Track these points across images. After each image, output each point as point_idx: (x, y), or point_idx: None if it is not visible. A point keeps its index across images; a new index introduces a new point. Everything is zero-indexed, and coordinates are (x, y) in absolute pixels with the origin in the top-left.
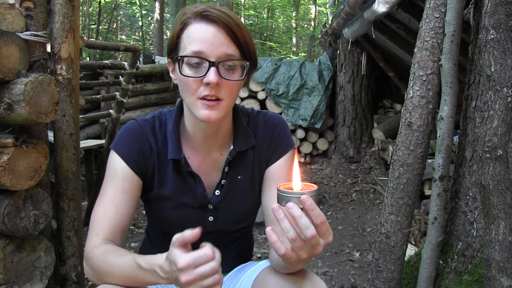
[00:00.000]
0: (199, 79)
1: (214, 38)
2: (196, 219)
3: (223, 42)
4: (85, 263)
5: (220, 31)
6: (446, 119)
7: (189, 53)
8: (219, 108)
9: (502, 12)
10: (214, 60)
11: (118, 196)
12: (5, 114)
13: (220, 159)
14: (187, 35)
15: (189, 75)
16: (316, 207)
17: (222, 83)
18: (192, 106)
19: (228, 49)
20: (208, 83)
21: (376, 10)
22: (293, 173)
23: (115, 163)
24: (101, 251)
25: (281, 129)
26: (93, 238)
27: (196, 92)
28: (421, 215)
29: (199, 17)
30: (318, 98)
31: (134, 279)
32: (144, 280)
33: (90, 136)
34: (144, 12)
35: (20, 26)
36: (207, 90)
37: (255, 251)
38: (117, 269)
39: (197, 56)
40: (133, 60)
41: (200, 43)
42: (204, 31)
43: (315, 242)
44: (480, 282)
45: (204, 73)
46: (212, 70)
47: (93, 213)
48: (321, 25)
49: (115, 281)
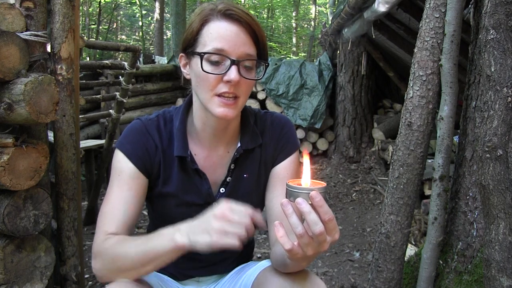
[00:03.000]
0: (219, 76)
1: (237, 37)
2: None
3: (245, 41)
4: (94, 261)
5: (242, 31)
6: (446, 119)
7: (210, 49)
8: (236, 106)
9: (502, 12)
10: (235, 59)
11: (125, 194)
12: (5, 114)
13: (227, 156)
14: (209, 32)
15: (209, 71)
16: (324, 203)
17: (241, 82)
18: (208, 102)
19: (249, 49)
20: (229, 81)
21: (376, 10)
22: (303, 169)
23: (120, 162)
24: (113, 242)
25: (288, 129)
26: (100, 235)
27: (214, 88)
28: (421, 215)
29: (222, 15)
30: (318, 98)
31: (148, 255)
32: (157, 250)
33: (90, 136)
34: (144, 12)
35: (20, 26)
36: (226, 87)
37: (255, 251)
38: (131, 249)
39: (219, 54)
40: (133, 60)
41: (222, 41)
42: (227, 29)
43: (322, 238)
44: (480, 282)
45: (225, 71)
46: (233, 69)
47: (100, 213)
48: (321, 25)
49: (128, 265)
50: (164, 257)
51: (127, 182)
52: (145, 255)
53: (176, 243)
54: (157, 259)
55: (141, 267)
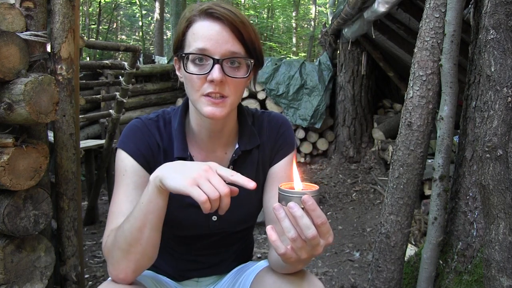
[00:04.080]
0: (203, 76)
1: (219, 36)
2: (200, 219)
3: (228, 39)
4: (107, 264)
5: (224, 29)
6: (446, 119)
7: (193, 50)
8: (224, 105)
9: (502, 12)
10: (218, 58)
11: (131, 192)
12: (5, 114)
13: (225, 158)
14: (192, 33)
15: (193, 72)
16: (317, 207)
17: (227, 81)
18: (196, 103)
19: (232, 46)
20: (212, 81)
21: (376, 10)
22: (293, 173)
23: (123, 162)
24: (113, 233)
25: (286, 129)
26: (108, 233)
27: (200, 89)
28: (421, 215)
29: (204, 14)
30: (318, 98)
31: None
32: (142, 202)
33: (90, 136)
34: (144, 12)
35: (20, 26)
36: (211, 87)
37: (255, 251)
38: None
39: (201, 54)
40: (133, 60)
41: (204, 40)
42: (208, 28)
43: (315, 242)
44: (480, 282)
45: (208, 71)
46: (216, 68)
47: (109, 213)
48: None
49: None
50: (151, 205)
51: (133, 180)
52: (136, 217)
53: (153, 178)
54: (147, 213)
55: (139, 233)
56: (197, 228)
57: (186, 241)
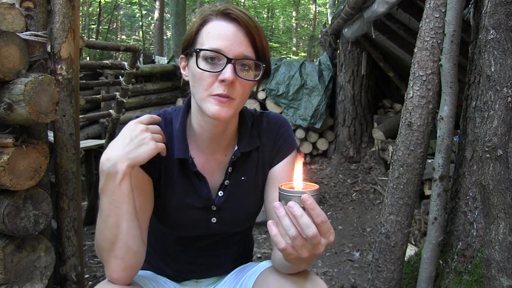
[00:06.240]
0: (215, 74)
1: (234, 37)
2: (199, 220)
3: (242, 42)
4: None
5: (240, 31)
6: (446, 119)
7: (207, 47)
8: (230, 106)
9: (502, 12)
10: (232, 58)
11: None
12: (5, 114)
13: (224, 160)
14: (207, 31)
15: (205, 69)
16: (316, 206)
17: (237, 82)
18: (203, 102)
19: (246, 49)
20: (223, 80)
21: (376, 10)
22: (294, 172)
23: None
24: None
25: (285, 129)
26: None
27: (209, 88)
28: (421, 215)
29: (220, 14)
30: (318, 98)
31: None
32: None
33: (90, 136)
34: (144, 12)
35: (20, 26)
36: (221, 88)
37: (255, 251)
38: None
39: (216, 51)
40: (133, 60)
41: (219, 40)
42: (224, 28)
43: (316, 241)
44: (480, 282)
45: (220, 69)
46: (228, 67)
47: None
48: (321, 25)
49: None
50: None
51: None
52: (108, 214)
53: (107, 168)
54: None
55: (116, 228)
56: (196, 229)
57: (185, 242)
